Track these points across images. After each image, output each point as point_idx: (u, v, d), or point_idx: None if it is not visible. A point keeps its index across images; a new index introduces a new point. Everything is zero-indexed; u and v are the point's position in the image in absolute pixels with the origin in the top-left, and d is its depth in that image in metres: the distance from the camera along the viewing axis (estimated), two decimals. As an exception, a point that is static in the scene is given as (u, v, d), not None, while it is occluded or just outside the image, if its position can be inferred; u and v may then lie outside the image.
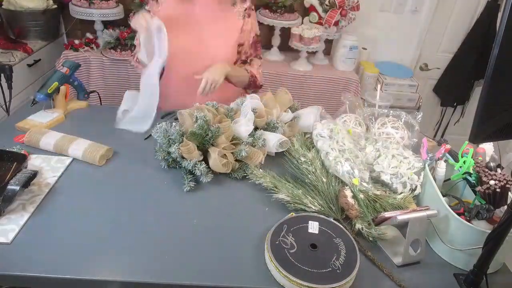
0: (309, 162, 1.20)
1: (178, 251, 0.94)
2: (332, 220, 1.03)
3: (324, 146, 1.22)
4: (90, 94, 1.60)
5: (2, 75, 1.55)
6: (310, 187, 1.15)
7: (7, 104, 1.66)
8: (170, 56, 1.38)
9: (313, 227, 0.99)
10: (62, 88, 1.45)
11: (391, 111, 1.46)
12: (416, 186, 1.15)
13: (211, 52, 1.47)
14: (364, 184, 1.13)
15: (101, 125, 1.38)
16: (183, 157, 1.16)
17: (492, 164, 1.02)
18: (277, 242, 0.92)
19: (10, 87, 1.53)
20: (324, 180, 1.16)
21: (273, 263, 0.87)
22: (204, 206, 1.09)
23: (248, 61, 1.58)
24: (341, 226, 1.02)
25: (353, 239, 0.98)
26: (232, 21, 1.51)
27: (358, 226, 1.05)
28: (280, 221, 0.99)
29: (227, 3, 1.48)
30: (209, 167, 1.16)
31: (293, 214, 1.03)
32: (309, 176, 1.17)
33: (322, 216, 1.04)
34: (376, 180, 1.21)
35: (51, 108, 1.46)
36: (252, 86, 1.60)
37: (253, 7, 1.54)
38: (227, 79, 1.45)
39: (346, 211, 1.08)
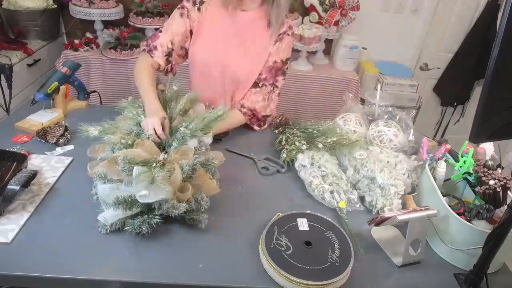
0: None
1: (177, 251, 0.94)
2: (318, 214, 1.04)
3: (306, 176, 1.21)
4: (91, 94, 1.60)
5: (2, 75, 1.54)
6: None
7: (7, 104, 1.66)
8: (195, 62, 1.45)
9: (303, 224, 1.00)
10: (62, 88, 1.45)
11: (390, 108, 1.47)
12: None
13: (229, 69, 1.42)
14: (351, 204, 1.14)
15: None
16: None
17: (490, 163, 1.02)
18: (272, 246, 0.92)
19: (10, 87, 1.53)
20: None
21: (273, 267, 0.87)
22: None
23: (260, 85, 1.43)
24: (328, 219, 1.03)
25: (341, 228, 1.00)
26: (264, 44, 1.42)
27: None
28: (269, 223, 1.00)
29: (265, 25, 1.40)
30: None
31: (280, 214, 1.03)
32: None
33: (308, 211, 1.05)
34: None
35: (51, 107, 1.46)
36: (254, 121, 1.49)
37: (289, 33, 1.43)
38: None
39: None
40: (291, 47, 1.48)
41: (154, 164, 0.95)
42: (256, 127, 1.52)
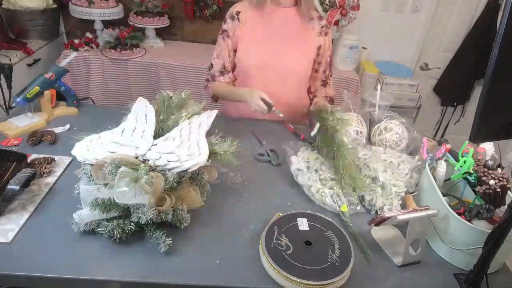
0: None
1: (177, 251, 0.94)
2: (318, 214, 1.05)
3: (304, 180, 1.18)
4: (83, 100, 1.56)
5: (1, 74, 1.54)
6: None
7: (7, 104, 1.66)
8: (247, 66, 1.52)
9: (303, 224, 1.00)
10: (47, 92, 1.40)
11: (389, 112, 1.47)
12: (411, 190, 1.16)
13: (287, 65, 1.52)
14: (352, 207, 1.13)
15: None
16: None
17: (490, 163, 1.02)
18: (272, 246, 0.92)
19: (9, 87, 1.53)
20: None
21: (273, 267, 0.87)
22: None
23: (327, 81, 1.64)
24: (328, 218, 1.03)
25: (341, 228, 1.00)
26: (310, 37, 1.54)
27: None
28: (269, 223, 0.99)
29: (305, 19, 1.51)
30: None
31: (280, 214, 1.03)
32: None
33: (308, 211, 1.05)
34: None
35: (39, 112, 1.42)
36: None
37: (329, 26, 1.60)
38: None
39: None
40: None
41: (142, 166, 0.90)
42: None
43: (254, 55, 1.51)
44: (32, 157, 1.18)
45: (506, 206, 0.83)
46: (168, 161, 0.94)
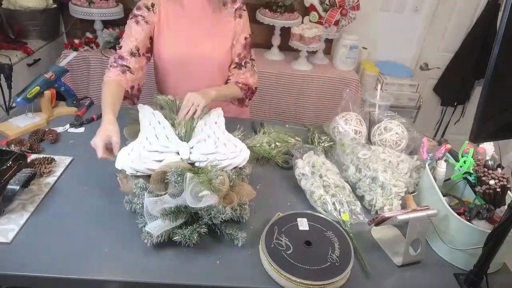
0: None
1: (176, 251, 0.94)
2: (318, 214, 1.05)
3: (307, 186, 1.16)
4: (82, 100, 1.56)
5: (1, 74, 1.54)
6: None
7: (7, 104, 1.66)
8: (166, 60, 1.46)
9: (303, 224, 1.00)
10: (47, 92, 1.41)
11: (389, 112, 1.48)
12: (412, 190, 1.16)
13: (204, 55, 1.46)
14: (354, 217, 1.10)
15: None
16: None
17: (490, 163, 1.02)
18: (272, 246, 0.92)
19: (9, 87, 1.53)
20: None
21: (273, 267, 0.87)
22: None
23: (243, 63, 1.52)
24: (328, 218, 1.03)
25: (342, 229, 1.00)
26: (224, 23, 1.48)
27: None
28: (269, 223, 1.00)
29: (217, 4, 1.44)
30: None
31: (280, 214, 1.03)
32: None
33: (308, 211, 1.05)
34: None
35: (38, 112, 1.42)
36: (249, 95, 1.57)
37: (244, 8, 1.51)
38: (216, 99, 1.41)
39: None
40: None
41: (208, 169, 0.97)
42: (247, 102, 1.60)
43: (170, 47, 1.44)
44: (32, 157, 1.18)
45: (506, 206, 0.83)
46: (219, 160, 1.02)
